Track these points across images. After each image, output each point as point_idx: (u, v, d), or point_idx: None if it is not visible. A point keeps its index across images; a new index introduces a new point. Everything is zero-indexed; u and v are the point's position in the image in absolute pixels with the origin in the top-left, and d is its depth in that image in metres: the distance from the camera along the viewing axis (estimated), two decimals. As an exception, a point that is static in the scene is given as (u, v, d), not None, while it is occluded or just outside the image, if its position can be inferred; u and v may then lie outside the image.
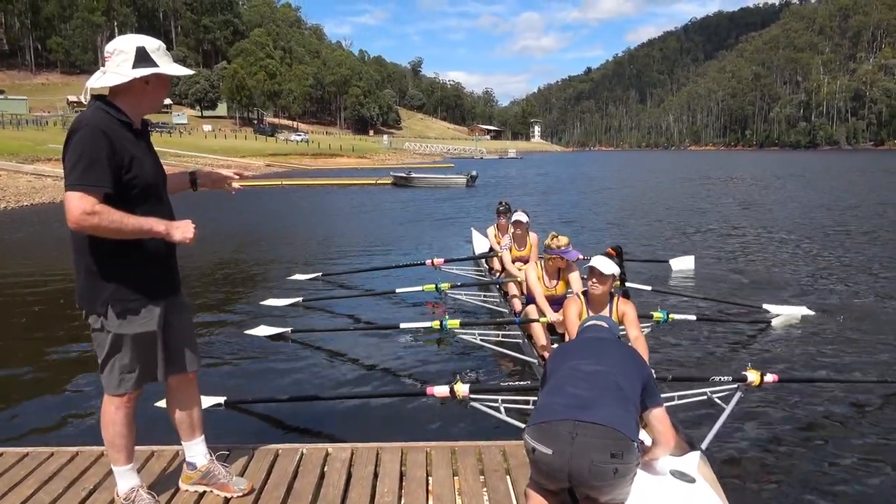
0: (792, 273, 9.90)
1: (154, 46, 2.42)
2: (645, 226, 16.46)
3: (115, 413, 2.55)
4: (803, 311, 7.15)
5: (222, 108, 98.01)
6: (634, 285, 7.14)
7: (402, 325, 6.11)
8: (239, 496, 2.78)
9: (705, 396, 4.16)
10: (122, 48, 2.37)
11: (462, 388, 3.85)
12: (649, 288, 7.57)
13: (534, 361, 5.15)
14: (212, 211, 18.45)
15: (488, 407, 3.95)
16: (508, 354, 5.62)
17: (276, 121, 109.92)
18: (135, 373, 2.52)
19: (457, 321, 5.65)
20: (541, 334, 5.01)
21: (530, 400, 3.74)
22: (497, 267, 8.00)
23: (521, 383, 4.48)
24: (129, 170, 2.37)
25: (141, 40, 2.41)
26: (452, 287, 7.54)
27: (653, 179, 41.26)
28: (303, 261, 11.28)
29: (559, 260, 5.17)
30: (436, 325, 5.63)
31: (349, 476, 3.01)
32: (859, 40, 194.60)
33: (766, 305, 7.28)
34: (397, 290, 7.92)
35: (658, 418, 2.62)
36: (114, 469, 2.66)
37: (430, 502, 2.83)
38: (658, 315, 5.62)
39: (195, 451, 2.83)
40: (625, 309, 4.18)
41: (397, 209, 22.34)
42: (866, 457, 3.97)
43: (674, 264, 10.06)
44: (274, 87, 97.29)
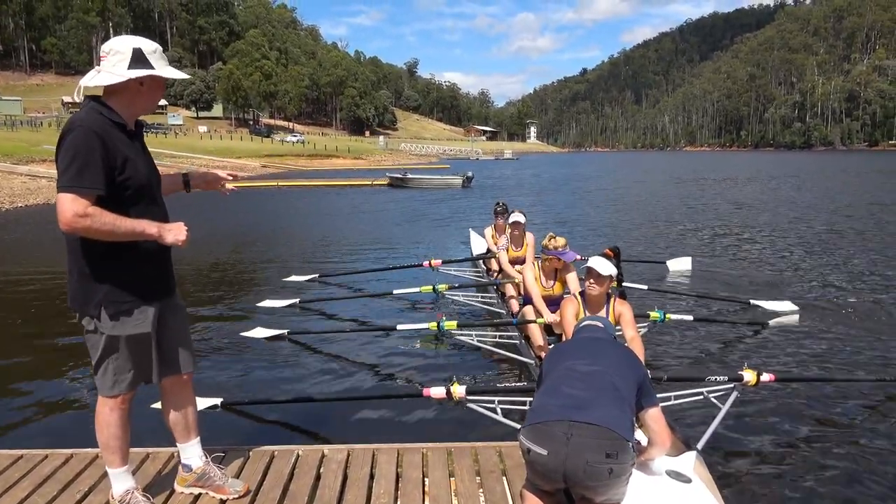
0: (788, 273, 9.93)
1: (151, 49, 2.41)
2: (641, 226, 16.47)
3: (109, 415, 2.54)
4: (799, 311, 7.18)
5: (218, 109, 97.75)
6: (631, 285, 7.15)
7: (399, 327, 6.13)
8: (235, 498, 2.77)
9: (702, 396, 4.16)
10: (119, 48, 2.37)
11: (459, 390, 3.84)
12: (646, 287, 7.59)
13: (531, 362, 5.14)
14: (208, 212, 18.43)
15: (485, 408, 3.94)
16: (505, 355, 5.61)
17: (271, 122, 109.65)
18: (129, 374, 2.51)
19: (454, 322, 5.66)
20: (538, 335, 5.01)
21: (527, 401, 3.74)
22: (494, 268, 7.99)
23: (517, 384, 4.46)
24: (123, 171, 2.35)
25: (138, 42, 2.41)
26: (450, 288, 7.54)
27: (648, 180, 41.34)
28: (299, 262, 11.26)
29: (556, 261, 5.18)
30: (433, 326, 5.63)
31: (345, 477, 3.01)
32: (853, 41, 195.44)
33: (762, 305, 7.30)
34: (394, 291, 7.93)
35: (654, 418, 2.62)
36: (108, 471, 2.65)
37: (427, 503, 2.83)
38: (655, 315, 5.63)
39: (191, 453, 2.82)
40: (621, 309, 4.19)
41: (394, 210, 22.33)
42: (862, 456, 3.98)
43: (671, 265, 10.07)
44: (270, 88, 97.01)
